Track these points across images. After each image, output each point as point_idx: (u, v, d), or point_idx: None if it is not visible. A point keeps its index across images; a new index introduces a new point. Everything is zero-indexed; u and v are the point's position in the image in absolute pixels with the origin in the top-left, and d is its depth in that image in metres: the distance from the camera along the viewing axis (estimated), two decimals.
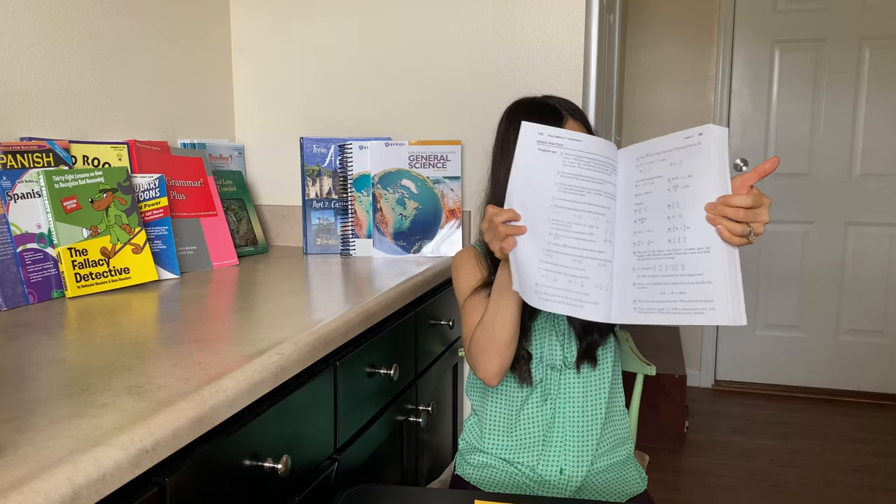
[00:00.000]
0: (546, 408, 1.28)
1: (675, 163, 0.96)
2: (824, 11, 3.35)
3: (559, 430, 1.27)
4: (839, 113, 3.39)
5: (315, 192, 1.88)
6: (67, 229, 1.30)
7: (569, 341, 1.26)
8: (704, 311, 0.93)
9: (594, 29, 1.85)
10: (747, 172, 0.95)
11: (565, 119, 1.22)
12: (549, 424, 1.27)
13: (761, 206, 0.93)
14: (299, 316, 1.14)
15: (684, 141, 0.95)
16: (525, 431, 1.29)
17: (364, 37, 1.99)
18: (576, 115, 1.24)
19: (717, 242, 0.93)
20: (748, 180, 0.94)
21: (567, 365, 1.26)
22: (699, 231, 0.94)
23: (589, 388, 1.28)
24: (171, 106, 1.83)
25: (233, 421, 0.87)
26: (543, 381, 1.27)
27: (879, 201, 3.39)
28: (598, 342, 1.25)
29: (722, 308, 0.91)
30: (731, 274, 0.92)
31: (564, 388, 1.27)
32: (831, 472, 2.70)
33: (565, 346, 1.26)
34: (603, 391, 1.28)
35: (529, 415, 1.28)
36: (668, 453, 2.85)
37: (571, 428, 1.26)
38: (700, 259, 0.94)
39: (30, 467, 0.59)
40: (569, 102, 1.26)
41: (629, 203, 1.01)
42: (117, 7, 1.63)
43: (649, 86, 3.58)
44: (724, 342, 3.65)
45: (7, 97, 1.36)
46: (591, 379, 1.28)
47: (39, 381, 0.82)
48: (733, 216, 0.92)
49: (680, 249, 0.95)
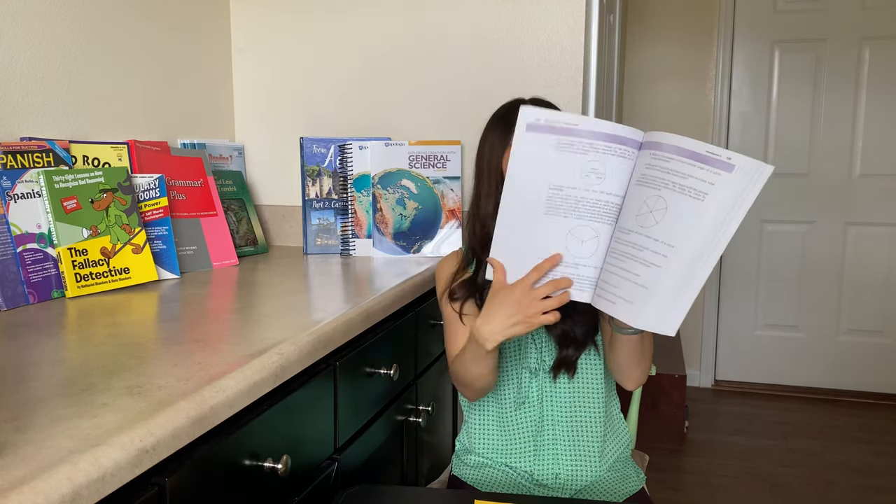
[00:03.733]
0: (531, 413, 1.27)
1: (688, 174, 0.91)
2: (824, 11, 3.35)
3: (549, 435, 1.26)
4: (839, 113, 3.39)
5: (315, 192, 1.88)
6: (67, 229, 1.30)
7: (547, 347, 1.25)
8: (617, 303, 0.96)
9: (594, 29, 1.85)
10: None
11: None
12: (537, 430, 1.27)
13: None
14: (299, 316, 1.14)
15: (715, 160, 0.90)
16: (515, 436, 1.28)
17: (364, 37, 1.99)
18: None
19: (675, 259, 0.91)
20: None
21: (543, 370, 1.25)
22: (665, 242, 0.92)
23: (578, 396, 1.27)
24: (171, 106, 1.83)
25: (233, 421, 0.87)
26: (519, 382, 1.26)
27: (879, 201, 3.39)
28: (572, 355, 1.24)
29: (643, 311, 0.93)
30: (675, 290, 0.92)
31: (550, 394, 1.26)
32: (831, 472, 2.70)
33: (543, 351, 1.26)
34: (596, 399, 1.27)
35: (516, 420, 1.28)
36: (668, 453, 2.85)
37: (563, 434, 1.26)
38: (650, 268, 0.93)
39: (30, 467, 0.59)
40: (546, 102, 1.27)
41: (633, 192, 0.98)
42: (117, 7, 1.63)
43: (649, 86, 3.58)
44: (724, 342, 3.65)
45: (7, 97, 1.36)
46: (579, 386, 1.27)
47: (39, 381, 0.82)
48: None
49: (641, 248, 0.95)
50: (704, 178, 0.89)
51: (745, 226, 3.55)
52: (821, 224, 3.48)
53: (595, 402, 1.27)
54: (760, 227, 3.54)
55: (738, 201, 0.88)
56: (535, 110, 1.00)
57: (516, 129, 1.00)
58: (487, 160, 1.26)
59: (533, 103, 1.26)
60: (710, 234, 0.89)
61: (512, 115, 1.24)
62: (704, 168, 0.89)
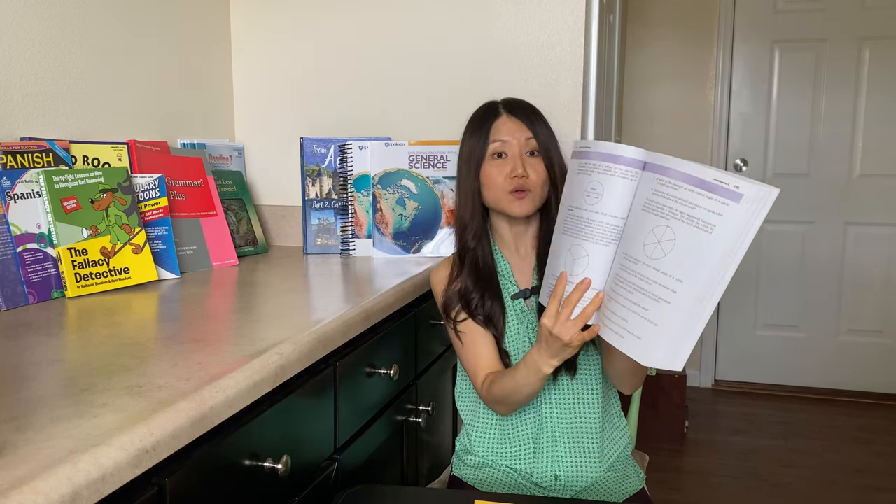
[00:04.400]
0: (531, 413, 1.27)
1: (696, 204, 0.89)
2: (824, 11, 3.35)
3: (548, 436, 1.26)
4: (839, 113, 3.39)
5: (315, 192, 1.88)
6: (67, 229, 1.30)
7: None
8: (626, 338, 0.95)
9: (594, 29, 1.85)
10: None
11: (499, 115, 1.26)
12: (537, 431, 1.26)
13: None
14: (299, 316, 1.14)
15: (723, 188, 0.86)
16: (515, 438, 1.28)
17: (364, 37, 1.99)
18: (514, 110, 1.26)
19: (684, 295, 0.89)
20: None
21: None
22: (674, 277, 0.90)
23: (578, 395, 1.26)
24: (171, 106, 1.83)
25: (233, 421, 0.87)
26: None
27: (879, 201, 3.39)
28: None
29: (652, 350, 0.92)
30: (684, 326, 0.90)
31: (549, 395, 1.26)
32: (831, 472, 2.70)
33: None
34: (594, 397, 1.27)
35: (517, 422, 1.28)
36: (668, 453, 2.85)
37: (562, 435, 1.25)
38: (659, 304, 0.91)
39: (30, 467, 0.59)
40: (512, 99, 1.29)
41: (640, 218, 0.96)
42: (117, 7, 1.63)
43: (649, 86, 3.58)
44: (724, 342, 3.65)
45: (7, 97, 1.36)
46: (578, 386, 1.27)
47: (39, 381, 0.82)
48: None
49: (650, 281, 0.92)
50: (713, 208, 0.87)
51: None
52: (821, 224, 3.48)
53: (594, 400, 1.27)
54: (760, 227, 3.53)
55: (746, 231, 0.86)
56: (581, 141, 1.05)
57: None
58: (466, 163, 1.27)
59: (506, 102, 1.29)
60: (719, 267, 0.87)
61: (489, 116, 1.27)
62: (712, 198, 0.87)
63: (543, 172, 1.24)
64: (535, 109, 1.28)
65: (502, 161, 1.24)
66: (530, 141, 1.24)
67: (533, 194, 1.23)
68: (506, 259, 1.31)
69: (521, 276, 1.31)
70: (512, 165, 1.23)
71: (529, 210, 1.24)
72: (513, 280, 1.30)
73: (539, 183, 1.24)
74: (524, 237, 1.31)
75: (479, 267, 1.27)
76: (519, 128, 1.25)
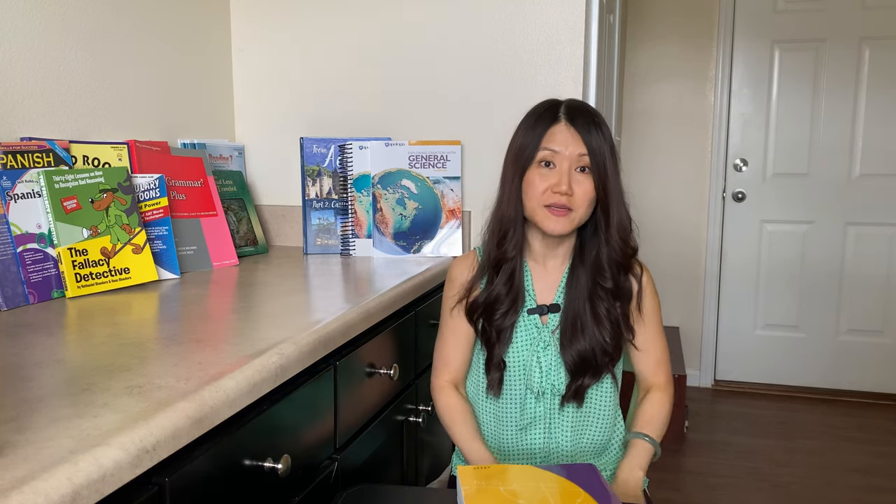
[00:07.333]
0: (535, 437, 1.24)
1: None
2: (824, 11, 3.35)
3: (552, 461, 1.24)
4: (839, 113, 3.39)
5: (315, 192, 1.88)
6: (67, 229, 1.30)
7: (556, 370, 1.21)
8: None
9: (594, 29, 1.85)
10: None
11: (557, 121, 1.17)
12: (540, 455, 1.24)
13: None
14: (299, 316, 1.14)
15: None
16: (514, 460, 1.26)
17: (364, 37, 1.99)
18: (574, 118, 1.17)
19: None
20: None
21: (553, 393, 1.21)
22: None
23: (582, 424, 1.24)
24: (171, 106, 1.83)
25: (233, 421, 0.87)
26: (522, 402, 1.23)
27: (879, 201, 3.39)
28: (587, 384, 1.20)
29: None
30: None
31: (553, 419, 1.23)
32: (831, 472, 2.70)
33: (552, 374, 1.21)
34: (601, 427, 1.25)
35: (519, 444, 1.25)
36: (668, 453, 2.85)
37: (565, 457, 1.24)
38: None
39: (30, 467, 0.59)
40: (575, 105, 1.20)
41: None
42: (117, 7, 1.63)
43: (649, 85, 3.58)
44: (724, 342, 3.65)
45: (7, 97, 1.36)
46: (585, 414, 1.24)
47: (39, 381, 0.82)
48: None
49: None
50: None
51: (745, 226, 3.55)
52: (821, 224, 3.48)
53: (600, 429, 1.25)
54: (760, 227, 3.54)
55: None
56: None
57: None
58: (513, 163, 1.20)
59: (569, 107, 1.19)
60: None
61: (546, 118, 1.18)
62: None
63: (591, 191, 1.16)
64: (596, 119, 1.18)
65: (549, 171, 1.16)
66: (583, 157, 1.15)
67: (574, 214, 1.16)
68: (529, 268, 1.25)
69: (543, 288, 1.25)
70: (557, 179, 1.15)
71: (565, 229, 1.17)
72: (532, 293, 1.24)
73: (584, 202, 1.16)
74: (555, 252, 1.24)
75: (514, 278, 1.21)
76: (574, 139, 1.15)
